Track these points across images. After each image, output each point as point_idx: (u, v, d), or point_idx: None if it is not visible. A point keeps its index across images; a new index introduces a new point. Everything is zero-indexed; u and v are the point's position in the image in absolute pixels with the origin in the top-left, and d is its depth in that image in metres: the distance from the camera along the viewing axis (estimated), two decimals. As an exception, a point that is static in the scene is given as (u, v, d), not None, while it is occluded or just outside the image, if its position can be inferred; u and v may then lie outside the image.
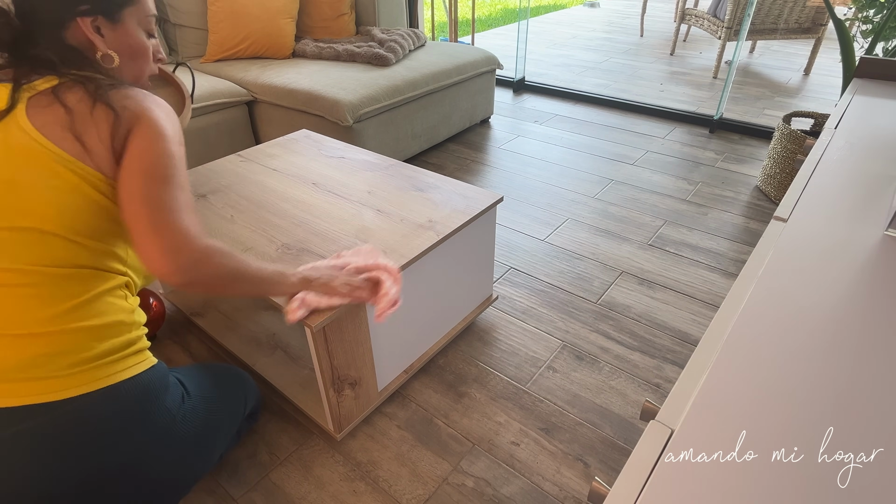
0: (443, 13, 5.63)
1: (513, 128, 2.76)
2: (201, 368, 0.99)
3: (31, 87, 0.72)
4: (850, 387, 0.44)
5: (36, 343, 0.71)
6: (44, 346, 0.71)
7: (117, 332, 0.77)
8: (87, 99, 0.73)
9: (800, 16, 3.33)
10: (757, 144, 2.54)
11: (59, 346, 0.72)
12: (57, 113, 0.72)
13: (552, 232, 1.88)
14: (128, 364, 0.78)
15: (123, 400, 0.76)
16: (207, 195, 1.33)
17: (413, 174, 1.41)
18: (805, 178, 0.77)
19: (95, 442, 0.74)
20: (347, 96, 1.94)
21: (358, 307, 1.03)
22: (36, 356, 0.70)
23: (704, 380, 0.45)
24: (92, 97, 0.73)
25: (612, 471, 1.10)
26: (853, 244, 0.62)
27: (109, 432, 0.75)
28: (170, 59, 2.40)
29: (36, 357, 0.70)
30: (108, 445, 0.75)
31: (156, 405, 0.80)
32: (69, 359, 0.72)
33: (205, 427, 0.89)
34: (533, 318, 1.49)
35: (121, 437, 0.76)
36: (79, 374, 0.73)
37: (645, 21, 5.07)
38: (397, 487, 1.07)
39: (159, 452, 0.80)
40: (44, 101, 0.72)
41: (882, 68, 1.16)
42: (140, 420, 0.78)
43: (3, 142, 0.70)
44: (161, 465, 0.81)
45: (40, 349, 0.71)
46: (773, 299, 0.54)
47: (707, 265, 1.70)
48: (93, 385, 0.73)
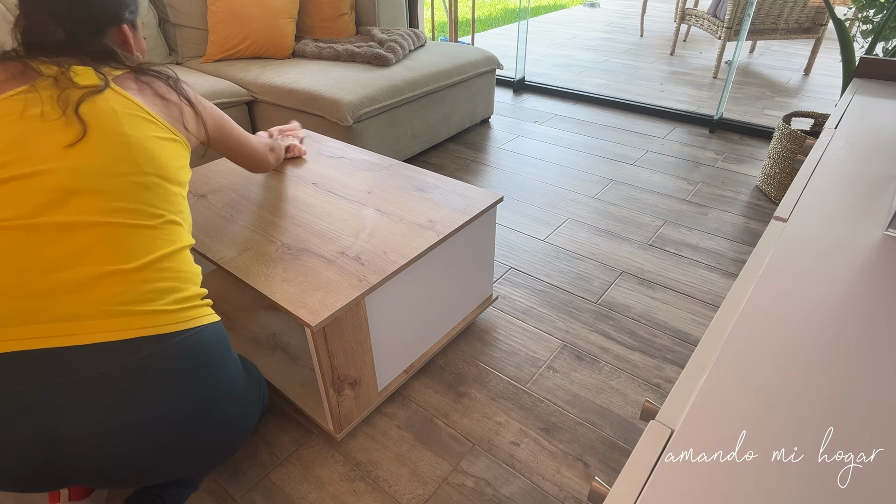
0: (443, 13, 5.63)
1: (513, 128, 2.76)
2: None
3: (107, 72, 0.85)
4: (850, 387, 0.44)
5: (147, 279, 0.77)
6: (153, 281, 0.77)
7: (196, 281, 0.86)
8: (171, 91, 0.92)
9: (800, 16, 3.33)
10: (757, 144, 2.54)
11: (165, 284, 0.79)
12: (154, 97, 0.88)
13: (552, 232, 1.88)
14: (209, 311, 0.86)
15: (216, 339, 0.83)
16: (207, 195, 1.33)
17: (413, 174, 1.41)
18: (805, 178, 0.77)
19: (195, 374, 0.79)
20: (347, 96, 1.94)
21: (359, 307, 1.03)
22: (147, 291, 0.76)
23: (704, 380, 0.45)
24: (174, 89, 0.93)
25: (612, 471, 1.10)
26: (853, 244, 0.62)
27: (206, 367, 0.80)
28: (169, 59, 2.40)
29: (147, 292, 0.76)
30: (203, 378, 0.80)
31: (231, 354, 0.87)
32: (175, 295, 0.79)
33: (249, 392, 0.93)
34: (533, 318, 1.49)
35: (212, 372, 0.81)
36: (183, 311, 0.80)
37: (645, 21, 5.07)
38: (397, 487, 1.07)
39: (233, 393, 0.86)
40: (133, 86, 0.86)
41: (882, 68, 1.16)
42: (224, 360, 0.85)
43: (112, 110, 0.81)
44: (234, 405, 0.86)
45: (151, 284, 0.77)
46: (773, 299, 0.54)
47: (707, 265, 1.70)
48: (193, 322, 0.80)
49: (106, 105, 0.80)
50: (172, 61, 2.41)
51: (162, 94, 0.91)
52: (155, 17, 2.29)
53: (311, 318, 0.94)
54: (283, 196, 1.31)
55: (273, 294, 1.00)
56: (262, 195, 1.32)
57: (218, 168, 1.46)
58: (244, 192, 1.33)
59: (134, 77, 0.88)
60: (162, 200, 0.84)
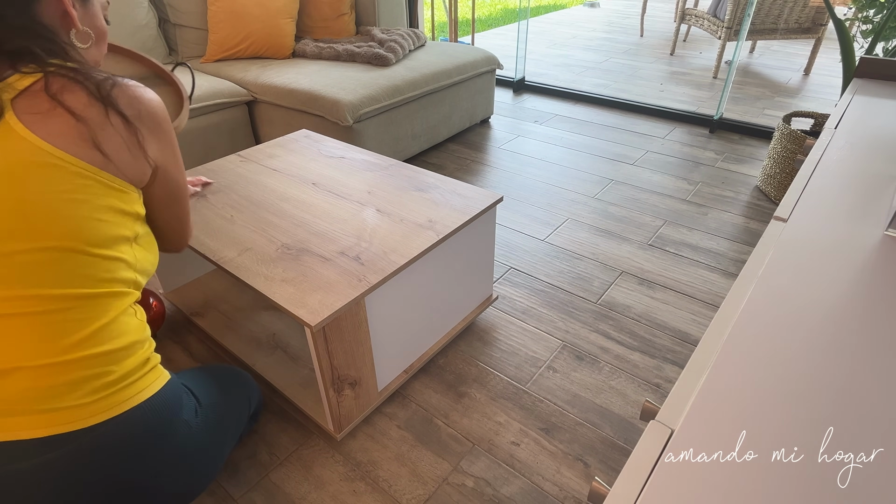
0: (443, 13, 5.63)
1: (513, 128, 2.76)
2: (206, 373, 0.98)
3: (7, 86, 0.64)
4: (850, 387, 0.44)
5: (57, 372, 0.68)
6: (65, 374, 0.68)
7: (133, 351, 0.75)
8: (94, 102, 0.67)
9: (800, 16, 3.33)
10: (757, 144, 2.54)
11: (80, 374, 0.69)
12: (66, 121, 0.65)
13: (552, 232, 1.88)
14: (146, 384, 0.77)
15: (143, 421, 0.75)
16: (207, 195, 1.33)
17: (413, 174, 1.41)
18: (805, 178, 0.77)
19: (116, 466, 0.73)
20: (347, 96, 1.94)
21: (359, 307, 1.03)
22: (57, 385, 0.68)
23: (704, 380, 0.45)
24: (99, 100, 0.68)
25: (612, 471, 1.10)
26: (853, 244, 0.62)
27: (129, 455, 0.74)
28: (169, 59, 2.40)
29: (57, 387, 0.68)
30: (128, 467, 0.74)
31: (173, 422, 0.79)
32: (91, 385, 0.70)
33: (215, 434, 0.89)
34: (533, 318, 1.49)
35: (140, 458, 0.75)
36: (100, 401, 0.71)
37: (645, 21, 5.07)
38: (397, 487, 1.07)
39: (175, 467, 0.80)
40: (42, 107, 0.64)
41: (882, 68, 1.16)
42: (159, 439, 0.77)
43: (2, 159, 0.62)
44: (176, 478, 0.81)
45: (61, 378, 0.68)
46: (773, 299, 0.54)
47: (707, 265, 1.70)
48: (115, 410, 0.72)
49: None
50: (172, 61, 2.41)
51: (77, 111, 0.65)
52: (155, 17, 2.29)
53: (311, 318, 0.94)
54: (283, 196, 1.31)
55: (273, 294, 1.00)
56: (262, 195, 1.32)
57: (218, 168, 1.46)
58: (244, 192, 1.33)
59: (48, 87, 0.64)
60: (70, 276, 0.67)
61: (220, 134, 2.11)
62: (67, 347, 0.68)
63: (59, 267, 0.67)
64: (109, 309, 0.73)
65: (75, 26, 0.72)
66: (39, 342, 0.67)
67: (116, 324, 0.73)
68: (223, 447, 0.91)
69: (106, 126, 0.68)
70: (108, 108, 0.68)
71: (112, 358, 0.72)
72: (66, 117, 0.65)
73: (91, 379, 0.70)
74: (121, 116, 0.69)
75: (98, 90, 0.68)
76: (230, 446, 0.95)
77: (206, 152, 2.08)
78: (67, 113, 0.65)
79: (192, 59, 2.40)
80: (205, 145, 2.06)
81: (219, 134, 2.10)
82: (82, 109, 0.66)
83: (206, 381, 0.95)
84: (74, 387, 0.69)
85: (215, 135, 2.09)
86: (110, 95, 0.68)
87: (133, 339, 0.76)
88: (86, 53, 0.76)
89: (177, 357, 1.38)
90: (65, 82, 0.66)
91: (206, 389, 0.92)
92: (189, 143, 2.01)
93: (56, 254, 0.66)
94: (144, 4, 2.23)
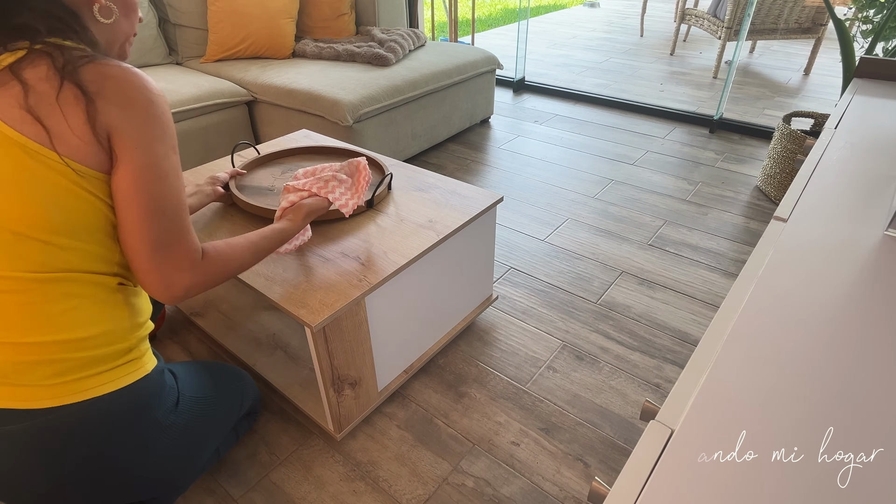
0: (443, 13, 5.63)
1: (513, 128, 2.76)
2: (199, 366, 0.99)
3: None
4: (850, 387, 0.44)
5: (18, 351, 0.68)
6: (26, 354, 0.68)
7: (109, 341, 0.73)
8: (52, 76, 0.62)
9: (800, 16, 3.33)
10: (757, 144, 2.54)
11: (42, 357, 0.69)
12: (13, 91, 0.61)
13: (552, 232, 1.88)
14: (119, 374, 0.75)
15: (109, 412, 0.74)
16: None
17: (413, 174, 1.41)
18: (805, 178, 0.77)
19: (78, 448, 0.73)
20: (347, 96, 1.94)
21: (359, 307, 1.03)
22: (17, 363, 0.68)
23: (704, 380, 0.45)
24: (59, 73, 0.62)
25: (612, 471, 1.10)
26: (853, 244, 0.62)
27: (93, 440, 0.73)
28: (169, 59, 2.40)
29: (17, 364, 0.68)
30: (92, 452, 0.74)
31: (144, 415, 0.78)
32: (52, 369, 0.69)
33: (196, 427, 0.88)
34: (533, 318, 1.49)
35: (105, 444, 0.74)
36: (62, 386, 0.70)
37: (645, 21, 5.07)
38: (397, 487, 1.07)
39: (146, 458, 0.80)
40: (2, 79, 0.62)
41: (882, 68, 1.16)
42: (126, 429, 0.76)
43: None
44: (149, 468, 0.81)
45: (22, 357, 0.68)
46: (773, 299, 0.54)
47: (707, 265, 1.70)
48: (77, 396, 0.71)
49: None
50: (172, 61, 2.41)
51: (29, 83, 0.61)
52: (155, 17, 2.29)
53: (311, 318, 0.94)
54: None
55: (273, 294, 1.00)
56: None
57: (218, 168, 1.46)
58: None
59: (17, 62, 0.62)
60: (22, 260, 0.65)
61: (220, 134, 2.11)
62: (27, 330, 0.67)
63: (11, 250, 0.65)
64: (74, 295, 0.69)
65: (98, 1, 0.70)
66: (3, 321, 0.67)
67: (83, 311, 0.70)
68: (205, 440, 0.91)
69: (51, 98, 0.62)
70: (66, 80, 0.62)
71: (77, 346, 0.70)
72: (17, 90, 0.62)
73: (53, 363, 0.69)
74: (78, 88, 0.63)
75: (65, 64, 0.63)
76: (215, 441, 0.96)
77: (206, 152, 2.08)
78: (19, 85, 0.62)
79: (192, 59, 2.40)
80: (205, 145, 2.06)
81: (219, 134, 2.10)
82: (35, 81, 0.62)
83: (196, 373, 0.95)
84: (37, 367, 0.69)
85: (215, 135, 2.09)
86: (76, 70, 0.63)
87: (107, 328, 0.73)
88: (113, 27, 0.73)
89: (177, 357, 1.38)
90: (37, 57, 0.63)
91: (192, 379, 0.93)
92: (189, 143, 2.01)
93: (8, 236, 0.64)
94: (144, 4, 2.23)
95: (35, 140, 0.62)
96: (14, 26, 0.64)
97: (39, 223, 0.65)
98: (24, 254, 0.65)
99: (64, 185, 0.65)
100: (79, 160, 0.65)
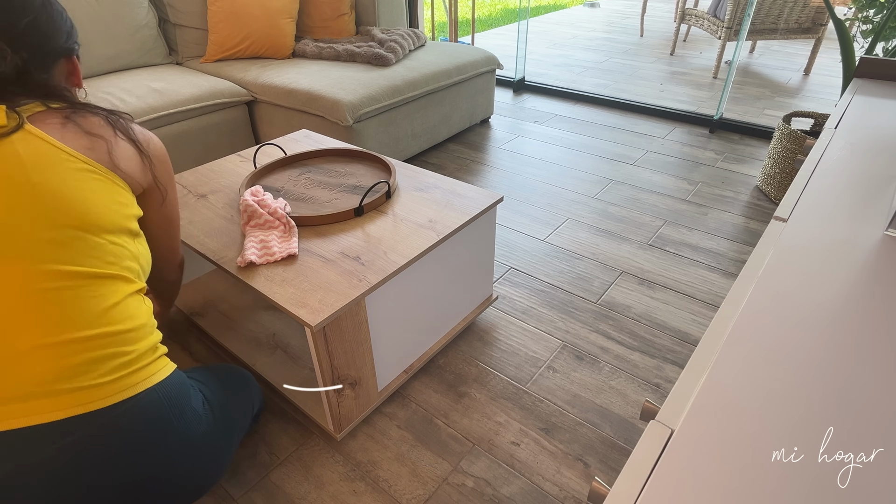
0: (443, 13, 5.63)
1: (513, 128, 2.76)
2: (213, 372, 0.99)
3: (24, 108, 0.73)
4: (850, 387, 0.44)
5: (77, 349, 0.70)
6: (84, 351, 0.70)
7: (145, 334, 0.78)
8: (107, 126, 0.79)
9: (800, 16, 3.33)
10: (757, 144, 2.54)
11: (99, 352, 0.71)
12: (77, 134, 0.75)
13: (552, 232, 1.88)
14: (157, 367, 0.79)
15: (158, 404, 0.76)
16: (207, 195, 1.33)
17: (413, 174, 1.41)
18: (805, 178, 0.77)
19: (134, 449, 0.74)
20: (347, 96, 1.94)
21: (359, 307, 1.03)
22: (78, 364, 0.70)
23: (704, 380, 0.45)
24: (112, 125, 0.80)
25: (612, 471, 1.10)
26: (853, 244, 0.62)
27: (146, 438, 0.75)
28: (169, 59, 2.40)
29: (78, 365, 0.70)
30: (144, 452, 0.75)
31: (185, 409, 0.81)
32: (109, 364, 0.72)
33: (221, 431, 0.89)
34: (533, 318, 1.49)
35: (157, 441, 0.76)
36: (119, 380, 0.73)
37: (645, 21, 5.07)
38: (397, 487, 1.07)
39: (186, 456, 0.80)
40: (55, 121, 0.74)
41: (882, 68, 1.16)
42: (173, 424, 0.78)
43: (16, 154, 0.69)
44: (184, 472, 0.81)
45: (82, 356, 0.70)
46: (773, 299, 0.54)
47: (707, 265, 1.70)
48: (133, 390, 0.74)
49: (9, 150, 0.68)
50: (172, 61, 2.41)
51: (89, 130, 0.77)
52: (155, 17, 2.29)
53: (311, 318, 0.94)
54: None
55: (273, 294, 1.00)
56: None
57: (218, 168, 1.46)
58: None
59: (62, 113, 0.76)
60: (83, 256, 0.72)
61: (220, 134, 2.11)
62: (85, 323, 0.71)
63: (71, 246, 0.71)
64: (118, 290, 0.76)
65: (79, 84, 0.86)
66: (60, 318, 0.69)
67: (126, 305, 0.77)
68: (231, 445, 0.92)
69: (117, 142, 0.80)
70: (116, 129, 0.80)
71: (127, 338, 0.75)
72: (78, 131, 0.75)
73: (110, 358, 0.72)
74: (132, 142, 0.82)
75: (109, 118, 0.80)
76: (235, 445, 0.95)
77: (206, 152, 2.08)
78: (79, 129, 0.75)
79: (192, 59, 2.40)
80: (205, 145, 2.06)
81: (219, 134, 2.10)
82: (94, 128, 0.77)
83: (214, 380, 0.96)
84: (94, 365, 0.71)
85: (215, 135, 2.09)
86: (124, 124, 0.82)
87: (143, 321, 0.79)
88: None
89: (177, 357, 1.38)
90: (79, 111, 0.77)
91: (213, 387, 0.93)
92: (189, 143, 2.01)
93: (69, 232, 0.71)
94: (144, 4, 2.23)
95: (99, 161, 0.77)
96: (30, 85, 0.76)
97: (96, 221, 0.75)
98: (87, 249, 0.73)
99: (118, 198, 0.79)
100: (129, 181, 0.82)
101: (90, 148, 0.75)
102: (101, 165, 0.76)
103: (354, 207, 1.21)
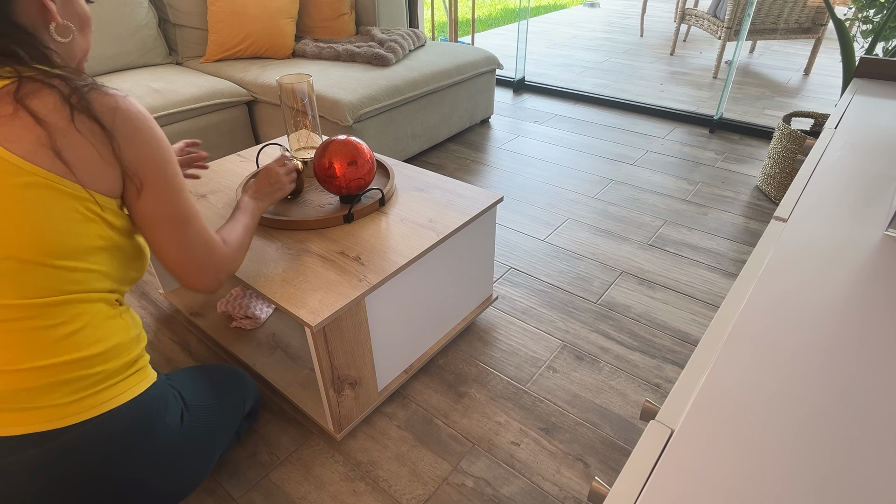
0: (443, 13, 5.63)
1: (513, 128, 2.76)
2: (199, 373, 0.98)
3: None
4: (851, 387, 0.44)
5: (35, 376, 0.67)
6: (43, 378, 0.68)
7: (116, 354, 0.74)
8: (62, 108, 0.63)
9: (800, 16, 3.33)
10: (757, 144, 2.54)
11: (58, 377, 0.69)
12: (26, 126, 0.61)
13: (552, 232, 1.88)
14: (128, 385, 0.76)
15: (123, 423, 0.74)
16: (207, 195, 1.33)
17: (413, 174, 1.41)
18: (805, 178, 0.77)
19: (96, 466, 0.73)
20: (347, 96, 1.94)
21: (359, 307, 1.03)
22: (35, 388, 0.68)
23: (704, 380, 0.45)
24: (68, 105, 0.63)
25: (612, 471, 1.10)
26: (853, 244, 0.62)
27: (109, 456, 0.73)
28: (169, 59, 2.40)
29: (34, 388, 0.68)
30: (108, 468, 0.74)
31: (155, 426, 0.78)
32: (70, 387, 0.70)
33: (203, 437, 0.88)
34: (533, 318, 1.49)
35: (120, 460, 0.74)
36: (79, 402, 0.70)
37: (645, 21, 5.07)
38: (397, 487, 1.07)
39: (159, 469, 0.80)
40: (5, 110, 0.61)
41: (882, 68, 1.16)
42: (140, 442, 0.76)
43: None
44: (161, 480, 0.81)
45: (40, 381, 0.68)
46: (773, 299, 0.54)
47: (707, 265, 1.70)
48: (94, 411, 0.71)
49: None
50: (172, 61, 2.41)
51: (39, 115, 0.61)
52: (155, 17, 2.29)
53: (311, 318, 0.94)
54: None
55: (273, 294, 1.00)
56: (262, 195, 1.32)
57: (218, 168, 1.46)
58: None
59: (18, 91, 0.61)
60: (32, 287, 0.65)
61: (220, 134, 2.11)
62: (40, 353, 0.67)
63: (19, 278, 0.64)
64: (83, 313, 0.70)
65: (55, 20, 0.68)
66: (17, 349, 0.66)
67: (93, 328, 0.71)
68: (213, 448, 0.91)
69: (69, 132, 0.63)
70: (78, 112, 0.64)
71: (91, 362, 0.71)
72: (28, 121, 0.61)
73: (70, 382, 0.69)
74: (94, 121, 0.65)
75: (71, 95, 0.64)
76: (221, 447, 0.95)
77: (206, 152, 2.08)
78: (29, 116, 0.61)
79: (192, 59, 2.40)
80: (205, 145, 2.06)
81: (219, 134, 2.10)
82: (46, 114, 0.62)
83: (198, 382, 0.94)
84: (53, 388, 0.68)
85: (215, 135, 2.09)
86: (85, 99, 0.65)
87: (115, 342, 0.74)
88: (70, 46, 0.72)
89: (177, 357, 1.38)
90: (38, 86, 0.63)
91: (195, 390, 0.92)
92: (189, 143, 2.01)
93: (15, 264, 0.63)
94: (144, 4, 2.23)
95: (53, 172, 0.63)
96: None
97: (46, 248, 0.65)
98: (31, 280, 0.65)
99: (81, 212, 0.67)
100: (101, 191, 0.68)
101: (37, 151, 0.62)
102: (54, 175, 0.63)
103: (343, 214, 1.19)
